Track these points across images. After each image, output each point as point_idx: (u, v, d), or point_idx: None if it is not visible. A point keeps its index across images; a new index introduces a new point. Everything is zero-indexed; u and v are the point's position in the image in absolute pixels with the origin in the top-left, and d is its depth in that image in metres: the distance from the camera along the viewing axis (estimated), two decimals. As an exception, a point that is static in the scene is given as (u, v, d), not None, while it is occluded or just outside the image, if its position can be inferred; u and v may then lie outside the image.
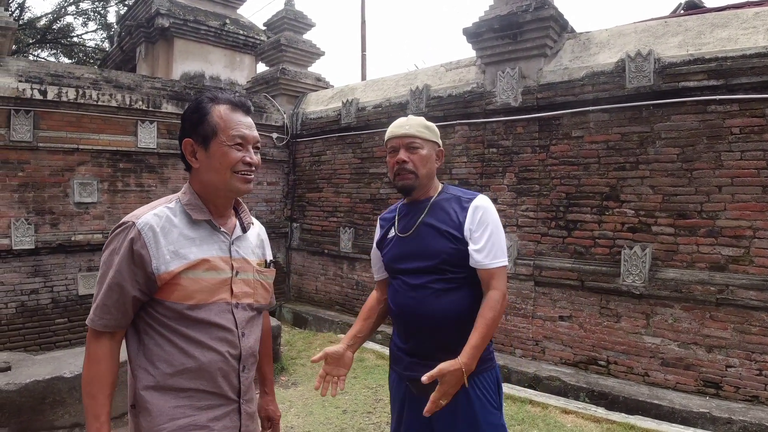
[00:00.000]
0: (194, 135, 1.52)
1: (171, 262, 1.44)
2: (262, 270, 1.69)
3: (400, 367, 2.04)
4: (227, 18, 10.08)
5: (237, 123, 1.52)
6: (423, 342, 1.95)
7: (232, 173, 1.51)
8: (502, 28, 5.25)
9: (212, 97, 1.55)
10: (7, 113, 5.59)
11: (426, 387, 1.88)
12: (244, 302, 1.59)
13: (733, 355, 4.11)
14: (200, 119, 1.51)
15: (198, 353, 1.46)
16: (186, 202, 1.55)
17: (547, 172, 5.14)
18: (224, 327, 1.51)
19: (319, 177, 7.69)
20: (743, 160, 4.10)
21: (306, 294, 7.87)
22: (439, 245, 1.95)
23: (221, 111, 1.52)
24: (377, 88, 7.09)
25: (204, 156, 1.52)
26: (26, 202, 5.75)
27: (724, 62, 4.14)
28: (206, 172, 1.53)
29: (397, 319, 2.05)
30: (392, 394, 2.15)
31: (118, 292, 1.42)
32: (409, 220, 2.07)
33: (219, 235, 1.57)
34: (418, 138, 2.02)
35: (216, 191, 1.56)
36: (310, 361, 2.13)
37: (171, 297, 1.45)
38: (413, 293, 1.95)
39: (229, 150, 1.50)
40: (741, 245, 4.12)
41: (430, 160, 2.05)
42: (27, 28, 18.94)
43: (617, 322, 4.66)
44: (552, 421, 3.99)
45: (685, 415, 3.94)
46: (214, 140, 1.50)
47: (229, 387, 1.52)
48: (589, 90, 4.82)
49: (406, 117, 2.11)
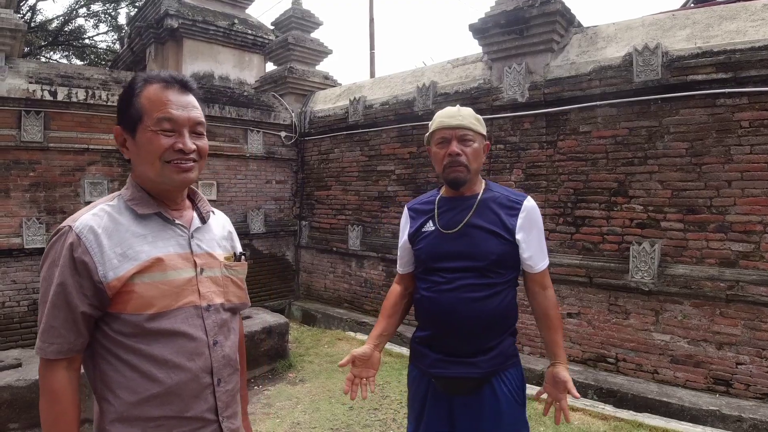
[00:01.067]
0: (123, 121, 1.32)
1: (119, 266, 1.25)
2: (231, 264, 1.49)
3: (423, 364, 1.99)
4: (236, 18, 10.11)
5: (164, 103, 1.30)
6: (455, 341, 1.91)
7: (163, 163, 1.30)
8: (508, 23, 5.22)
9: (146, 77, 1.34)
10: (18, 114, 5.65)
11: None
12: (215, 303, 1.39)
13: (744, 352, 4.06)
14: (127, 102, 1.31)
15: (163, 375, 1.26)
16: (129, 197, 1.34)
17: (554, 167, 5.11)
18: (191, 336, 1.31)
19: (328, 175, 7.70)
20: (753, 154, 4.04)
21: (315, 291, 7.89)
22: (488, 246, 1.90)
23: (151, 91, 1.31)
24: (384, 86, 7.08)
25: (132, 144, 1.32)
26: (37, 202, 5.81)
27: (732, 55, 4.08)
28: (137, 163, 1.33)
29: (429, 316, 1.97)
30: (412, 390, 2.09)
31: (65, 309, 1.22)
32: (453, 216, 1.98)
33: (174, 228, 1.37)
34: (471, 130, 1.94)
35: (151, 183, 1.35)
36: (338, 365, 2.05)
37: (127, 308, 1.25)
38: (454, 293, 1.88)
39: (154, 136, 1.29)
40: (751, 240, 4.06)
41: (480, 155, 1.98)
42: (39, 30, 19.15)
43: (626, 319, 4.62)
44: (559, 419, 3.96)
45: (695, 413, 3.90)
46: (140, 125, 1.29)
47: (204, 407, 1.33)
48: (597, 84, 4.78)
49: (455, 107, 2.01)
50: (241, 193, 7.51)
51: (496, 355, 1.90)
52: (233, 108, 7.34)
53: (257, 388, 4.77)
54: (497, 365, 1.90)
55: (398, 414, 4.15)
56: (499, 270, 1.91)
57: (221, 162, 7.27)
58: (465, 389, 1.91)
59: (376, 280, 6.83)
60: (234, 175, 7.42)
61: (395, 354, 5.50)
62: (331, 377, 4.97)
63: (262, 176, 7.77)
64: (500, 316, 1.91)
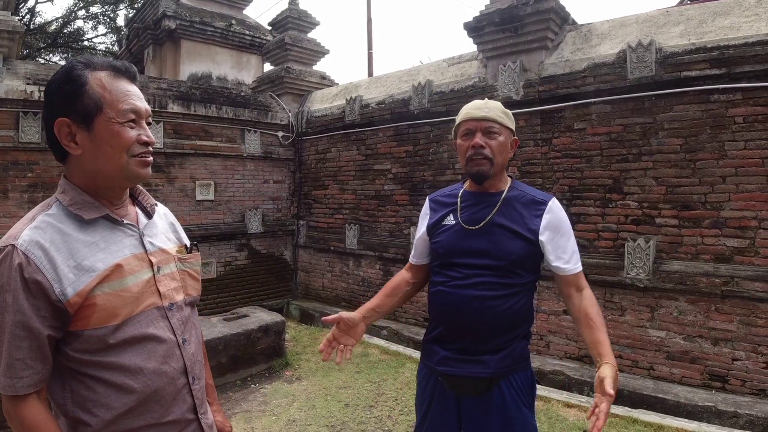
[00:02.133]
0: (70, 112, 1.18)
1: (77, 280, 1.13)
2: (185, 257, 1.41)
3: (432, 361, 1.94)
4: (233, 19, 10.14)
5: (125, 93, 1.22)
6: (466, 338, 1.87)
7: (129, 157, 1.22)
8: (502, 21, 5.23)
9: (86, 62, 1.22)
10: (15, 115, 5.67)
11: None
12: (177, 300, 1.32)
13: (739, 348, 4.06)
14: (76, 91, 1.18)
15: (139, 385, 1.19)
16: (69, 201, 1.21)
17: (549, 165, 5.11)
18: (160, 339, 1.25)
19: (325, 174, 7.71)
20: (747, 149, 4.05)
21: (313, 291, 7.89)
22: (509, 246, 1.85)
23: (102, 79, 1.20)
24: (380, 85, 7.09)
25: (87, 139, 1.19)
26: (36, 202, 5.78)
27: (726, 51, 4.09)
28: (93, 159, 1.21)
29: (442, 311, 1.92)
30: (420, 388, 2.04)
31: (28, 337, 1.09)
32: (476, 212, 1.92)
33: (123, 229, 1.28)
34: (497, 123, 1.88)
35: (108, 181, 1.24)
36: (322, 320, 1.95)
37: (90, 324, 1.14)
38: (470, 290, 1.84)
39: (122, 129, 1.20)
40: (746, 236, 4.06)
41: (506, 149, 1.93)
42: (38, 32, 19.19)
43: (622, 315, 4.62)
44: (554, 415, 3.97)
45: (691, 409, 3.90)
46: (99, 117, 1.18)
47: (184, 408, 1.29)
48: (591, 82, 4.78)
49: (482, 99, 1.96)
50: (239, 193, 7.52)
51: (506, 357, 1.85)
52: (230, 108, 7.35)
53: (254, 386, 4.77)
54: (506, 367, 1.86)
55: (393, 411, 4.15)
56: (519, 271, 1.86)
57: (219, 162, 7.28)
58: (472, 389, 1.87)
59: (374, 278, 6.83)
60: (231, 175, 7.43)
61: (392, 352, 5.50)
62: (327, 375, 4.97)
63: (259, 176, 7.78)
64: (514, 318, 1.86)
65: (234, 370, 4.89)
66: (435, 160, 6.10)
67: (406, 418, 4.01)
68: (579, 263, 1.95)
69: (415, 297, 6.36)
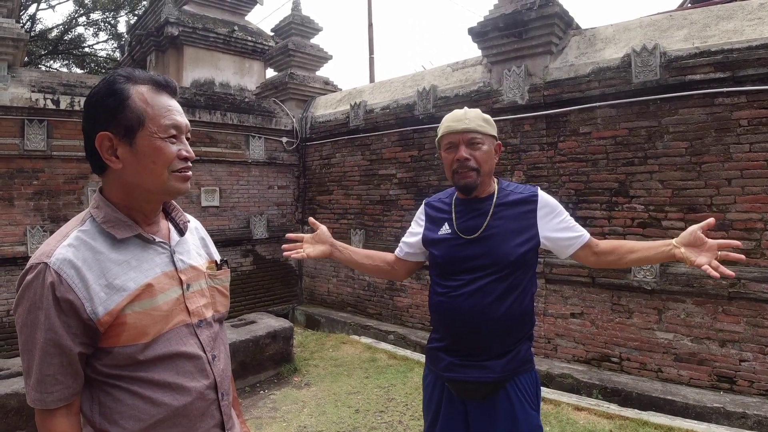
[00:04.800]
0: (112, 126, 1.17)
1: (108, 299, 1.14)
2: (215, 274, 1.40)
3: (438, 367, 1.97)
4: (235, 25, 10.17)
5: (167, 109, 1.22)
6: (471, 344, 1.89)
7: (170, 173, 1.22)
8: (507, 26, 5.26)
9: (128, 75, 1.21)
10: (20, 123, 5.70)
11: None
12: (206, 317, 1.32)
13: (747, 349, 4.08)
14: (118, 105, 1.17)
15: (168, 398, 1.18)
16: (102, 219, 1.21)
17: (555, 169, 5.14)
18: (191, 355, 1.24)
19: (329, 180, 7.73)
20: (752, 152, 4.07)
21: (318, 296, 7.91)
22: (509, 248, 1.88)
23: (144, 93, 1.20)
24: (385, 90, 7.12)
25: (129, 153, 1.18)
26: (41, 210, 5.84)
27: (730, 54, 4.12)
28: (134, 173, 1.20)
29: (446, 320, 1.95)
30: (427, 395, 2.06)
31: (58, 354, 1.10)
32: (471, 220, 1.95)
33: (155, 247, 1.27)
34: (479, 133, 1.90)
35: (147, 195, 1.24)
36: (286, 236, 2.16)
37: (120, 341, 1.15)
38: (472, 297, 1.86)
39: (164, 144, 1.20)
40: (752, 238, 4.09)
41: (491, 156, 1.94)
42: (39, 39, 19.24)
43: (629, 318, 4.64)
44: (564, 418, 3.98)
45: (699, 411, 3.92)
46: (141, 132, 1.18)
47: (211, 423, 1.28)
48: (596, 86, 4.81)
49: (461, 110, 1.98)
50: (244, 198, 7.54)
51: (511, 359, 1.88)
52: (235, 114, 7.38)
53: (263, 393, 4.79)
54: (512, 370, 1.88)
55: (404, 416, 4.17)
56: (518, 271, 1.89)
57: (223, 168, 7.31)
58: (479, 394, 1.89)
59: (379, 283, 6.85)
60: (236, 181, 7.46)
61: (399, 357, 5.52)
62: (336, 381, 4.99)
63: (264, 182, 7.81)
64: (517, 320, 1.89)
65: (243, 377, 4.90)
66: (440, 164, 6.12)
67: (416, 423, 4.03)
68: (584, 231, 2.01)
69: (422, 302, 6.37)
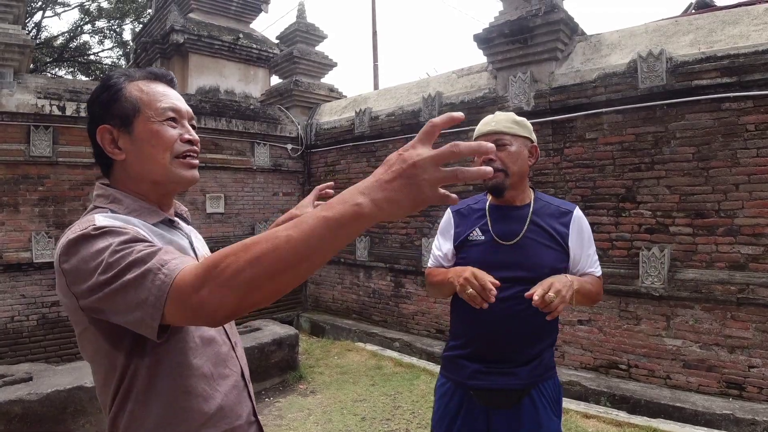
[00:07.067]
0: (109, 118, 1.15)
1: None
2: None
3: (461, 376, 1.94)
4: (240, 32, 10.21)
5: (163, 94, 1.19)
6: (500, 352, 1.89)
7: (172, 158, 1.17)
8: (512, 33, 5.27)
9: (125, 72, 1.21)
10: (26, 129, 5.72)
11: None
12: None
13: (756, 355, 4.04)
14: (112, 97, 1.15)
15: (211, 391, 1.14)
16: (126, 210, 1.14)
17: (561, 175, 5.12)
18: (219, 342, 1.20)
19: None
20: (760, 156, 4.06)
21: (323, 303, 7.88)
22: (542, 259, 1.89)
23: (139, 83, 1.18)
24: (390, 97, 7.13)
25: (129, 142, 1.15)
26: (46, 216, 5.85)
27: (736, 59, 4.11)
28: (137, 163, 1.16)
29: (475, 327, 1.93)
30: (444, 404, 2.00)
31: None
32: (507, 226, 1.95)
33: (178, 232, 1.24)
34: (506, 134, 1.91)
35: (154, 187, 1.19)
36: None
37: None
38: (505, 303, 1.83)
39: (161, 127, 1.16)
40: (760, 243, 4.06)
41: (521, 157, 1.93)
42: (44, 47, 19.32)
43: (637, 324, 4.61)
44: (573, 426, 3.95)
45: (708, 417, 3.88)
46: (138, 118, 1.15)
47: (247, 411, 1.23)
48: (602, 91, 4.81)
49: (492, 114, 2.00)
50: (249, 205, 7.55)
51: (537, 366, 1.89)
52: (240, 121, 7.40)
53: (268, 400, 4.76)
54: (537, 376, 1.89)
55: (411, 424, 4.14)
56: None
57: (228, 175, 7.32)
58: (505, 401, 1.87)
59: (385, 290, 6.83)
60: (241, 188, 7.47)
61: (405, 364, 5.48)
62: (342, 388, 4.96)
63: (269, 188, 7.81)
64: (546, 328, 1.90)
65: (248, 383, 4.87)
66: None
67: (424, 431, 4.00)
68: (599, 268, 2.04)
69: (427, 309, 6.36)
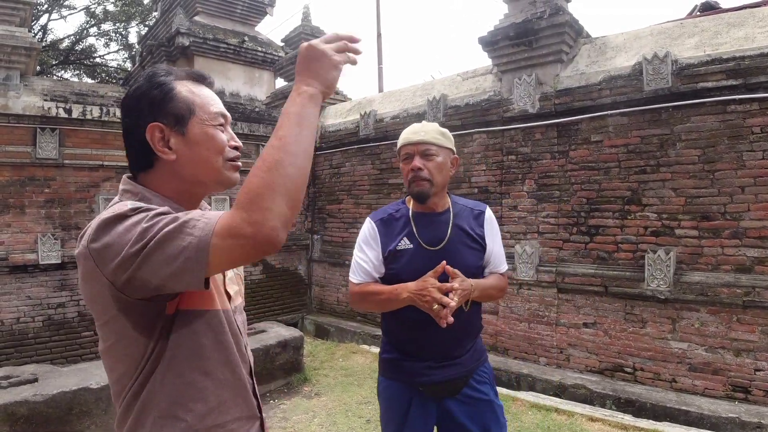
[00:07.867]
0: (161, 117, 1.12)
1: None
2: None
3: (408, 375, 2.03)
4: (246, 35, 10.24)
5: (212, 97, 1.20)
6: (444, 348, 2.01)
7: (224, 161, 1.17)
8: (517, 35, 5.27)
9: (167, 70, 1.19)
10: (33, 131, 5.75)
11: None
12: (238, 303, 1.30)
13: (762, 358, 4.02)
14: (165, 95, 1.13)
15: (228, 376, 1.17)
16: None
17: (567, 177, 5.12)
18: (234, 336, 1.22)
19: (339, 189, 7.74)
20: (765, 159, 4.05)
21: (327, 305, 7.89)
22: (470, 259, 2.02)
23: (188, 84, 1.18)
24: (395, 99, 7.14)
25: (181, 143, 1.13)
26: (53, 218, 5.88)
27: (742, 61, 4.10)
28: (188, 164, 1.14)
29: (415, 332, 1.99)
30: (388, 405, 2.10)
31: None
32: (432, 233, 2.02)
33: None
34: (433, 145, 1.99)
35: (198, 187, 1.20)
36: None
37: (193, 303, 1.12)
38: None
39: (216, 131, 1.16)
40: (766, 246, 4.04)
41: (445, 168, 2.03)
42: (50, 49, 19.43)
43: (643, 327, 4.59)
44: (578, 429, 3.94)
45: (714, 421, 3.86)
46: (192, 120, 1.14)
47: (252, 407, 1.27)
48: (607, 94, 4.81)
49: (420, 123, 2.07)
50: (253, 207, 7.54)
51: (474, 352, 2.09)
52: (245, 124, 7.42)
53: (273, 402, 4.77)
54: (476, 360, 2.08)
55: (415, 425, 4.13)
56: (479, 276, 2.07)
57: (233, 177, 7.32)
58: (454, 389, 2.02)
59: (389, 292, 6.81)
60: (246, 190, 7.46)
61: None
62: (346, 390, 4.96)
63: (273, 191, 7.80)
64: (478, 318, 2.14)
65: (253, 385, 4.87)
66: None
67: (428, 432, 3.99)
68: (506, 264, 2.20)
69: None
